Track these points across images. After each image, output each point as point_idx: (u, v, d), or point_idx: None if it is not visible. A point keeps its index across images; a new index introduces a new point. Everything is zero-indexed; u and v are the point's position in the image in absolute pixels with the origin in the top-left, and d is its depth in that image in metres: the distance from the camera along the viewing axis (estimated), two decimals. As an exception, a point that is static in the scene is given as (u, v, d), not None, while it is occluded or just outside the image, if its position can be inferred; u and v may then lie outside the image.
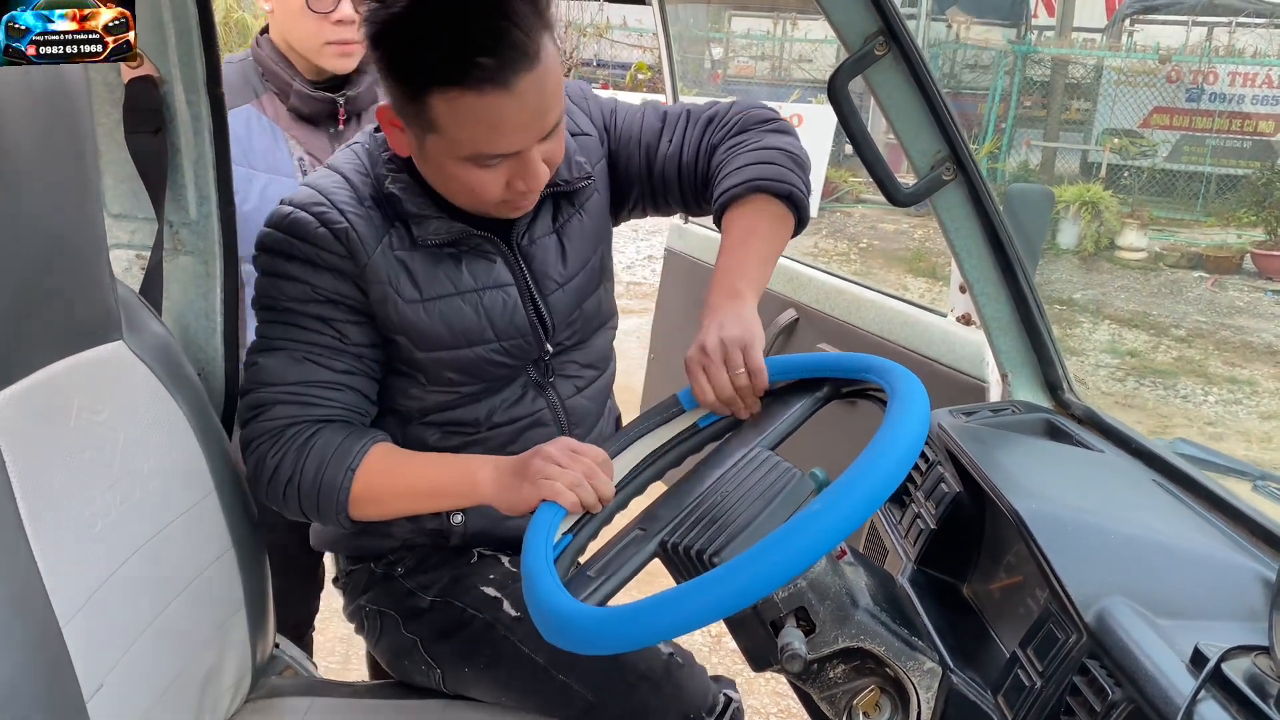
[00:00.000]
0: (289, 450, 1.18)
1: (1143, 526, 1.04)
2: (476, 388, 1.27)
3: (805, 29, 13.03)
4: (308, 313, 1.20)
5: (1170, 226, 9.50)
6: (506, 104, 1.06)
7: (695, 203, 1.37)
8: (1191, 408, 5.78)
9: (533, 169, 1.13)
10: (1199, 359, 6.52)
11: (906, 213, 10.19)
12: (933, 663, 1.02)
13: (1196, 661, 0.82)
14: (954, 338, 1.66)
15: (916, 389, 1.01)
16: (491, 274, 1.24)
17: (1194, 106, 10.68)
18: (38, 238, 0.99)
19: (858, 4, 1.24)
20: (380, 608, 1.36)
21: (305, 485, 1.17)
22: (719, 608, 0.84)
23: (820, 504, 0.86)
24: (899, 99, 1.30)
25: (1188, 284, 8.23)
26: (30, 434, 0.98)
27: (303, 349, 1.20)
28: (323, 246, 1.18)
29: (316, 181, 1.23)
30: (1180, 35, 11.67)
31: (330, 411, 1.20)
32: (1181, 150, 10.60)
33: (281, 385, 1.19)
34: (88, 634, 0.99)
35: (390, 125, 1.16)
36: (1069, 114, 11.48)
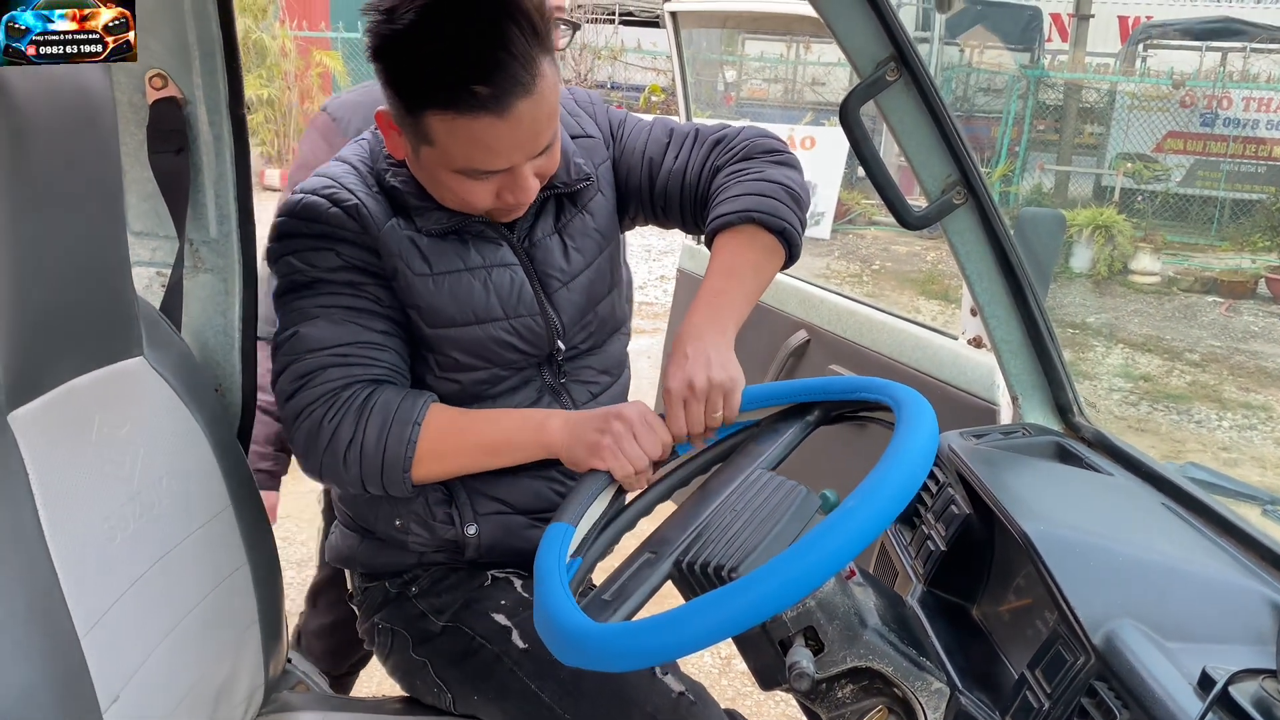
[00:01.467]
0: (347, 412, 1.18)
1: (1151, 550, 1.05)
2: (484, 374, 1.27)
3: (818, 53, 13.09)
4: (339, 280, 1.22)
5: (1184, 251, 9.47)
6: (500, 128, 1.09)
7: (693, 222, 1.38)
8: (1205, 433, 5.74)
9: (522, 184, 1.17)
10: (1213, 384, 6.49)
11: (919, 235, 10.20)
12: (940, 683, 1.03)
13: (1204, 684, 0.82)
14: (965, 360, 1.67)
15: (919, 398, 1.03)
16: (498, 255, 1.27)
17: (1208, 131, 10.66)
18: (64, 255, 1.01)
19: (869, 30, 1.25)
20: (393, 626, 1.37)
21: (369, 446, 1.17)
22: (747, 616, 0.85)
23: (845, 509, 0.87)
24: (910, 124, 1.31)
25: (1202, 308, 8.19)
26: (53, 446, 0.99)
27: (341, 312, 1.21)
28: (336, 224, 1.21)
29: (325, 169, 1.27)
30: (1194, 60, 11.67)
31: (380, 372, 1.21)
32: (1195, 175, 10.57)
33: (327, 349, 1.20)
34: (105, 645, 1.00)
35: (388, 129, 1.19)
36: (1082, 138, 11.47)
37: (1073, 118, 11.24)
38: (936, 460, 1.33)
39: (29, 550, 0.93)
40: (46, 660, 0.91)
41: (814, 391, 1.21)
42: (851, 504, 0.89)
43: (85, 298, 1.07)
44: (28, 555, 0.92)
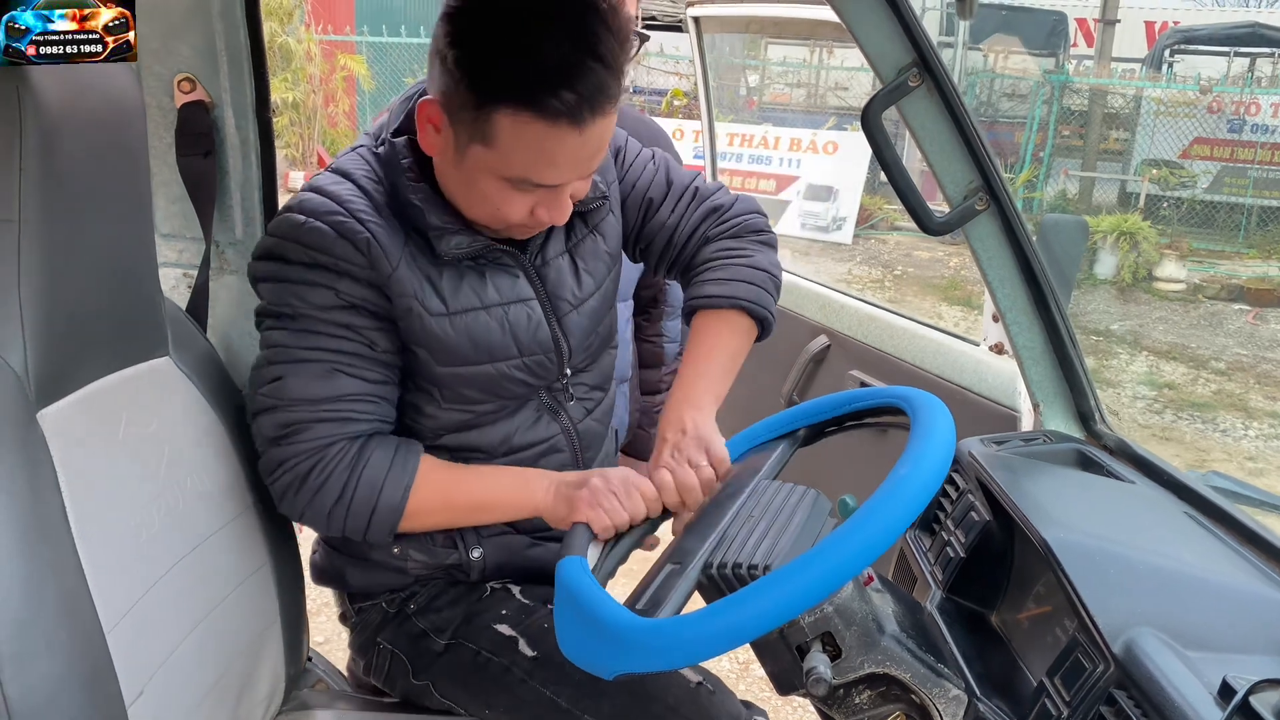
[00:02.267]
0: (335, 469, 1.16)
1: (1173, 558, 1.04)
2: (490, 406, 1.26)
3: (841, 57, 13.05)
4: (333, 320, 1.16)
5: (1210, 258, 9.39)
6: (570, 141, 1.06)
7: (665, 272, 1.42)
8: (1231, 442, 5.69)
9: (561, 203, 1.15)
10: (1239, 392, 6.43)
11: (942, 241, 10.16)
12: (958, 690, 1.03)
13: (1224, 694, 0.82)
14: (986, 367, 1.67)
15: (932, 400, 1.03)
16: (515, 289, 1.24)
17: (1235, 138, 10.56)
18: (93, 256, 1.03)
19: (892, 36, 1.25)
20: (393, 648, 1.35)
21: (357, 504, 1.16)
22: (805, 597, 0.87)
23: (879, 498, 0.88)
24: (932, 129, 1.31)
25: (1228, 316, 8.12)
26: (81, 444, 1.01)
27: (331, 359, 1.16)
28: (342, 257, 1.15)
29: (326, 187, 1.19)
30: (1221, 66, 11.58)
31: (368, 426, 1.18)
32: (1222, 181, 10.48)
33: (315, 402, 1.15)
34: (130, 640, 1.02)
35: (428, 122, 1.13)
36: (1107, 144, 11.40)
37: (1098, 123, 11.17)
38: (956, 466, 1.32)
39: (57, 546, 0.94)
40: (73, 655, 0.93)
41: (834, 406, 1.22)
42: (887, 490, 0.90)
43: (113, 298, 1.08)
44: (55, 551, 0.94)
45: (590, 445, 1.36)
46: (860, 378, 1.89)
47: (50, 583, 0.92)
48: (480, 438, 1.27)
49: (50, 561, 0.93)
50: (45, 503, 0.94)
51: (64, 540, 0.95)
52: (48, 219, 0.93)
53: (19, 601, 0.88)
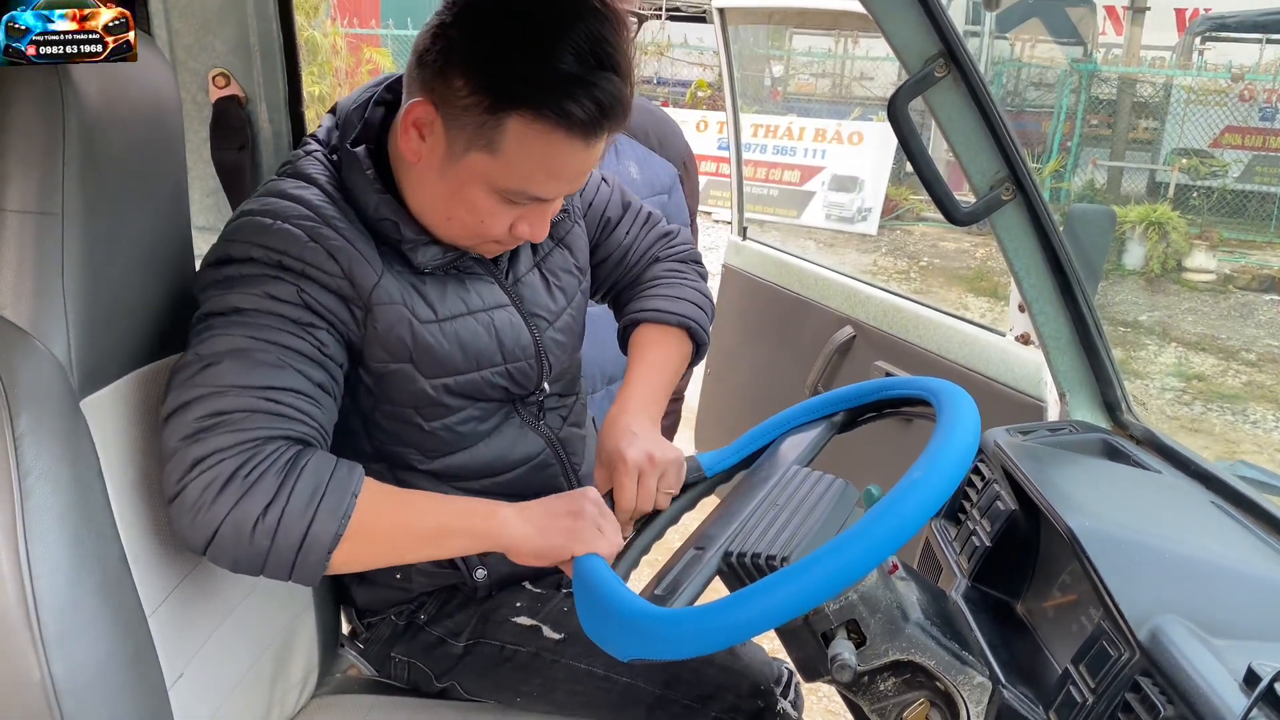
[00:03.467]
0: (268, 470, 0.98)
1: (1198, 547, 1.04)
2: (470, 412, 1.23)
3: (867, 47, 12.98)
4: (288, 315, 1.06)
5: (1241, 248, 9.28)
6: (578, 155, 1.05)
7: (605, 290, 1.45)
8: (1261, 434, 5.64)
9: (545, 219, 1.14)
10: (1270, 384, 6.36)
11: (968, 231, 10.09)
12: (983, 677, 1.03)
13: (1249, 681, 0.82)
14: (1012, 357, 1.67)
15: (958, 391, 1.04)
16: (494, 295, 1.23)
17: (1268, 126, 10.42)
18: (134, 249, 1.05)
19: (918, 26, 1.26)
20: (410, 659, 1.35)
21: (293, 512, 0.98)
22: (822, 590, 0.87)
23: (901, 489, 0.88)
24: (958, 120, 1.31)
25: (1259, 307, 8.02)
26: (120, 432, 1.03)
27: (278, 351, 1.03)
28: (314, 263, 1.08)
29: (291, 191, 1.12)
30: (1254, 53, 11.41)
31: (310, 431, 1.04)
32: (1254, 171, 10.34)
33: (254, 389, 1.00)
34: (170, 624, 1.04)
35: (414, 126, 1.07)
36: (1136, 133, 11.28)
37: (1126, 113, 11.05)
38: (982, 456, 1.33)
39: (100, 532, 0.97)
40: (116, 637, 0.95)
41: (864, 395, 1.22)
42: (912, 479, 0.90)
43: (152, 290, 1.11)
44: (99, 537, 0.96)
45: (575, 451, 1.36)
46: (886, 368, 1.90)
47: (94, 567, 0.95)
48: (470, 459, 1.25)
49: (94, 547, 0.95)
50: (89, 490, 0.96)
51: (107, 526, 0.98)
52: (89, 212, 0.95)
53: (64, 585, 0.90)
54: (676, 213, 1.84)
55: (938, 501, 0.90)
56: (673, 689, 1.28)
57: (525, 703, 1.34)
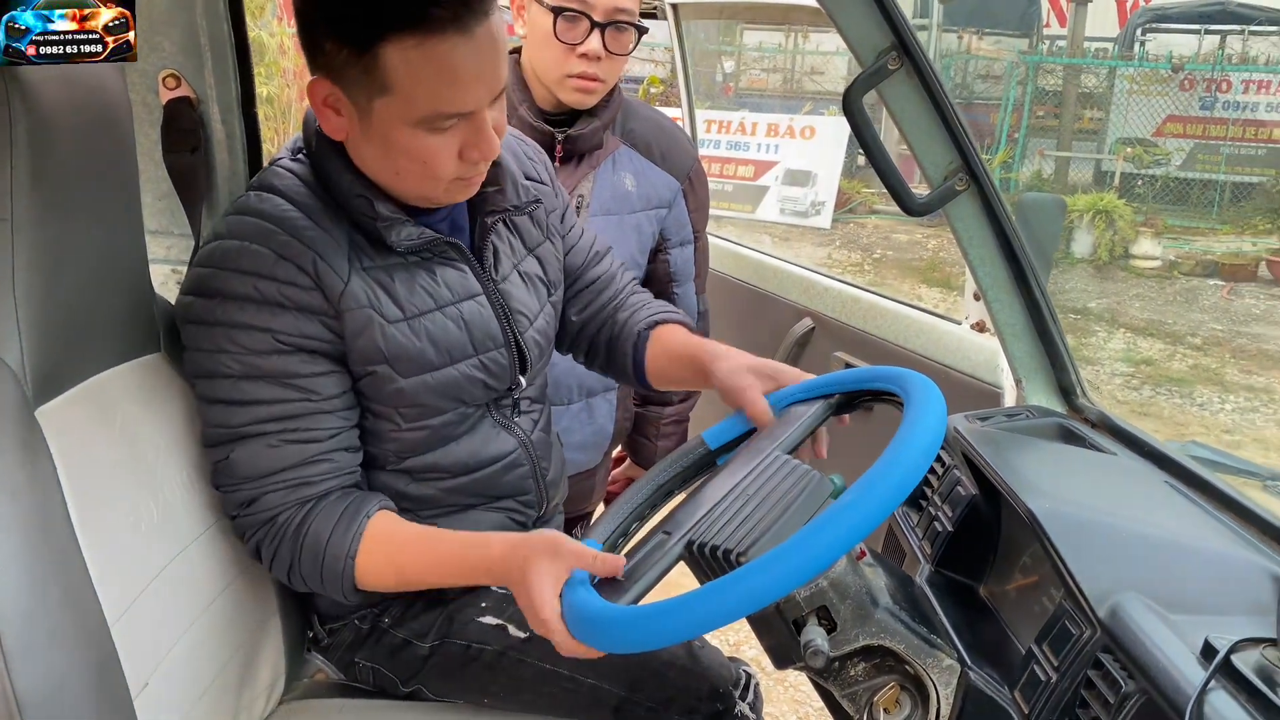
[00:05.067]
0: (284, 540, 1.14)
1: (1154, 525, 1.07)
2: (451, 417, 1.24)
3: (817, 41, 13.08)
4: (270, 372, 1.11)
5: (1185, 235, 9.48)
6: (466, 51, 1.04)
7: (592, 314, 1.45)
8: (1208, 415, 5.77)
9: (486, 133, 1.10)
10: (1215, 367, 6.51)
11: (920, 223, 10.21)
12: (951, 660, 1.05)
13: (1207, 653, 0.85)
14: (969, 345, 1.69)
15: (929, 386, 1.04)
16: (465, 284, 1.23)
17: (1208, 115, 10.66)
18: (86, 253, 1.03)
19: (871, 20, 1.27)
20: (375, 664, 1.35)
21: (307, 572, 1.15)
22: (755, 599, 0.87)
23: (853, 494, 0.89)
24: (912, 112, 1.33)
25: (1203, 292, 8.21)
26: (79, 439, 1.02)
27: (273, 428, 1.12)
28: (286, 281, 1.10)
29: (254, 205, 1.14)
30: (1193, 44, 11.66)
31: (320, 488, 1.15)
32: (1195, 158, 10.58)
33: (262, 479, 1.13)
34: (134, 634, 1.03)
35: (324, 105, 1.10)
36: (1081, 123, 11.48)
37: (1072, 103, 11.24)
38: (943, 442, 1.35)
39: (59, 541, 0.95)
40: (80, 649, 0.94)
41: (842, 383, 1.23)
42: (865, 483, 0.91)
43: (106, 295, 1.09)
44: (58, 546, 0.95)
45: (544, 455, 1.36)
46: (845, 359, 1.92)
47: (54, 577, 0.93)
48: (443, 457, 1.26)
49: (54, 557, 0.94)
50: (47, 499, 0.95)
51: (66, 535, 0.96)
52: (40, 217, 0.94)
53: (25, 596, 0.89)
54: (676, 228, 1.82)
55: (883, 515, 0.90)
56: (637, 691, 1.29)
57: (493, 703, 1.34)
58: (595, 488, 1.94)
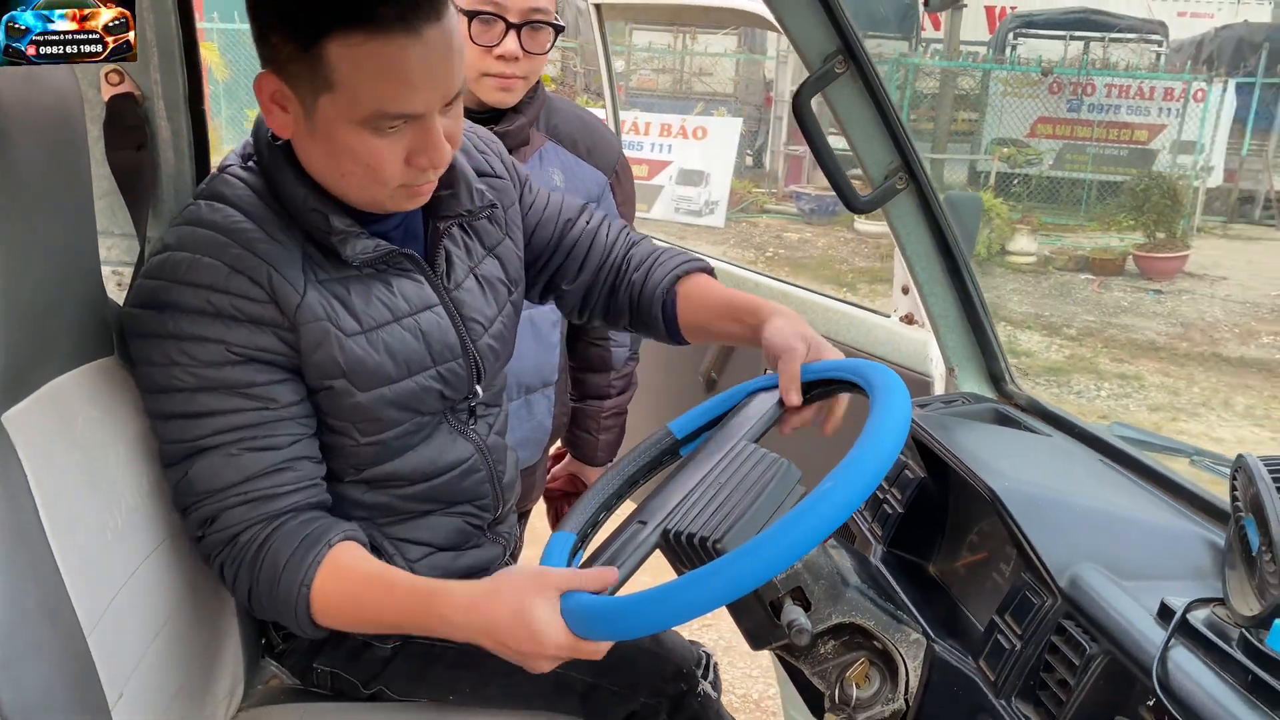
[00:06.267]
0: (243, 562, 1.10)
1: (1100, 500, 1.15)
2: (408, 427, 1.22)
3: (705, 43, 13.26)
4: (225, 383, 1.08)
5: (1057, 231, 9.96)
6: (413, 52, 1.00)
7: (590, 274, 1.41)
8: (1085, 403, 6.08)
9: (434, 139, 1.06)
10: (1090, 357, 6.86)
11: (810, 222, 10.47)
12: (917, 634, 1.11)
13: (1164, 615, 0.92)
14: (899, 336, 1.76)
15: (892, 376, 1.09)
16: (421, 295, 1.20)
17: (1074, 116, 11.22)
18: (43, 255, 1.00)
19: (818, 25, 1.32)
20: (334, 669, 1.33)
21: (264, 598, 1.10)
22: (738, 586, 0.90)
23: (831, 482, 0.93)
24: (856, 114, 1.39)
25: (1076, 286, 8.63)
26: (44, 445, 0.99)
27: (231, 438, 1.09)
28: (239, 294, 1.07)
29: (205, 217, 1.10)
30: (1059, 49, 12.25)
31: (284, 502, 1.11)
32: (1065, 158, 11.12)
33: (222, 492, 1.09)
34: (109, 642, 1.00)
35: (271, 102, 1.06)
36: (957, 125, 11.92)
37: (948, 105, 11.66)
38: None
39: (33, 549, 0.92)
40: (59, 659, 0.92)
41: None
42: (842, 472, 0.95)
43: (63, 297, 1.06)
44: (32, 555, 0.92)
45: (500, 460, 1.36)
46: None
47: (31, 586, 0.90)
48: (401, 466, 1.24)
49: (29, 565, 0.91)
50: (19, 506, 0.92)
51: (40, 543, 0.94)
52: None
53: (4, 608, 0.86)
54: None
55: (859, 500, 0.94)
56: (604, 677, 1.31)
57: (458, 700, 1.34)
58: (535, 485, 1.95)
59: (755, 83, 13.66)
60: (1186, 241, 9.19)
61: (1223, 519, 1.11)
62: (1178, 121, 10.86)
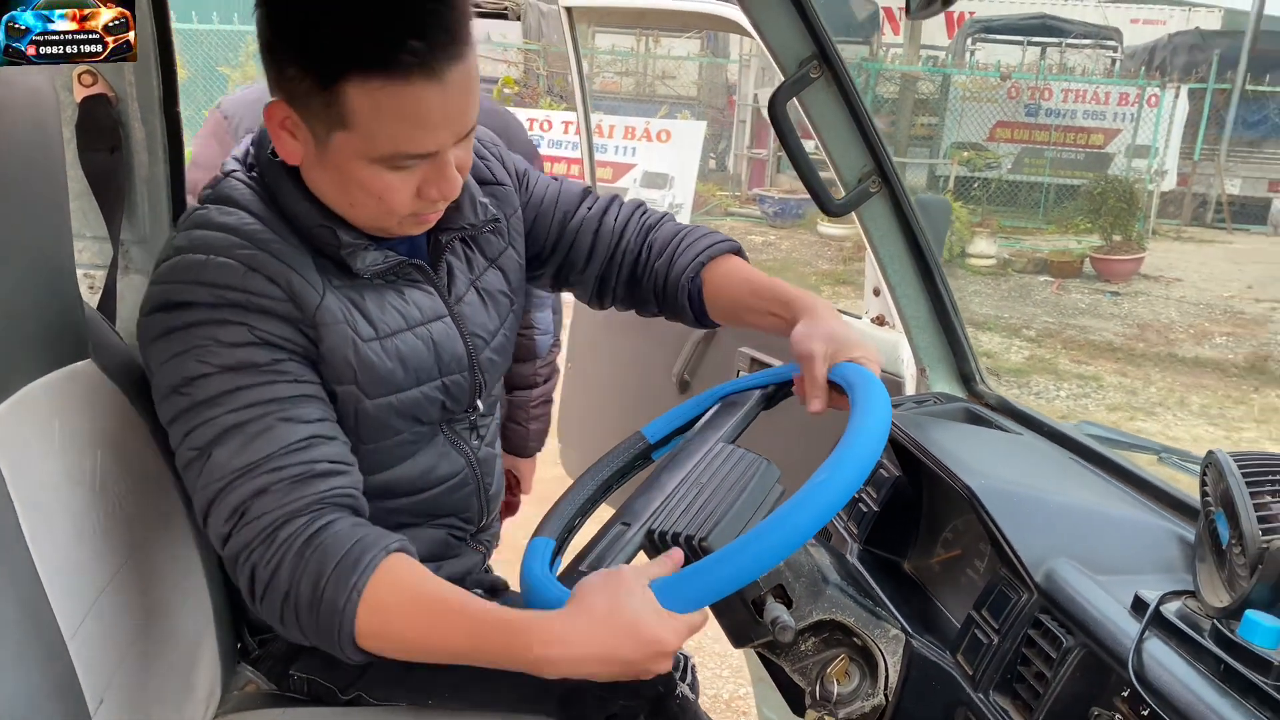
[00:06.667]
0: (283, 561, 0.98)
1: (1073, 496, 1.17)
2: (407, 437, 1.21)
3: (668, 46, 13.30)
4: (250, 362, 1.03)
5: (1015, 234, 10.10)
6: (433, 96, 0.99)
7: (601, 265, 1.37)
8: (1045, 403, 6.17)
9: (448, 174, 1.06)
10: (1049, 357, 6.97)
11: (774, 225, 10.54)
12: (896, 630, 1.13)
13: (1137, 607, 0.94)
14: (869, 337, 1.78)
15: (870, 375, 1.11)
16: (433, 306, 1.20)
17: (1033, 121, 11.39)
18: (19, 261, 0.99)
19: (794, 30, 1.34)
20: (310, 675, 1.32)
21: (302, 608, 0.98)
22: (744, 575, 0.93)
23: (824, 474, 0.94)
24: (830, 118, 1.41)
25: (1034, 287, 8.77)
26: (22, 451, 0.98)
27: (258, 411, 1.02)
28: (257, 292, 1.04)
29: (216, 219, 1.08)
30: (1017, 54, 12.44)
31: (322, 486, 1.02)
32: (1023, 162, 11.29)
33: (254, 468, 1.00)
34: (88, 648, 1.00)
35: (280, 128, 1.04)
36: (916, 130, 12.06)
37: (908, 110, 11.79)
38: None
39: (13, 555, 0.91)
40: (41, 665, 0.91)
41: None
42: (833, 464, 0.97)
43: (38, 301, 1.05)
44: (12, 561, 0.91)
45: (488, 471, 1.35)
46: (751, 354, 1.99)
47: (12, 593, 0.90)
48: (393, 478, 1.23)
49: (9, 572, 0.90)
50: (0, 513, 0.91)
51: (20, 549, 0.93)
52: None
53: (-15, 615, 0.85)
54: None
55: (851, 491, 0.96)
56: (583, 679, 1.31)
57: (437, 703, 1.33)
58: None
59: (718, 86, 13.72)
60: (1142, 244, 9.37)
61: (1190, 514, 1.14)
62: (1133, 126, 11.06)
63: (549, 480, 2.24)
